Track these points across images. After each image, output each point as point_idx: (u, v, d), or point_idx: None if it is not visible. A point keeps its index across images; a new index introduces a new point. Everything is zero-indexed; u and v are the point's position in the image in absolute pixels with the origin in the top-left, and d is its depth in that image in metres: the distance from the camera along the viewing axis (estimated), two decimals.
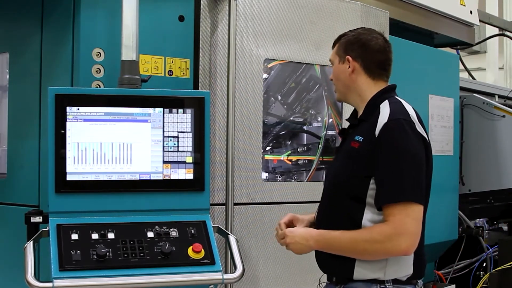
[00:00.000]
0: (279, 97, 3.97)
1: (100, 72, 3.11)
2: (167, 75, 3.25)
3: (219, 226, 2.92)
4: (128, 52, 2.95)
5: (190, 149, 2.84)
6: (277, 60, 3.67)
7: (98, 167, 2.75)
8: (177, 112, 2.83)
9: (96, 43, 3.10)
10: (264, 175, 3.71)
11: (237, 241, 2.82)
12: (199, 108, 2.85)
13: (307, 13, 3.65)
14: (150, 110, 2.80)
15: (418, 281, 2.41)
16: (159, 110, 2.81)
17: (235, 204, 3.30)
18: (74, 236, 2.61)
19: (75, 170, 2.72)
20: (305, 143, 4.00)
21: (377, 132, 2.31)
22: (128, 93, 2.85)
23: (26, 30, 3.42)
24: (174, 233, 2.71)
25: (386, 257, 2.31)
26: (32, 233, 2.71)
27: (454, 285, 4.93)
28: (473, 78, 7.04)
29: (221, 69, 3.35)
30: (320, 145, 3.86)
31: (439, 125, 4.69)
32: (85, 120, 2.74)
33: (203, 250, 2.67)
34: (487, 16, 7.36)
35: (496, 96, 6.12)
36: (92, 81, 3.09)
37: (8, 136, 3.50)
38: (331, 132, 3.92)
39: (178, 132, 2.83)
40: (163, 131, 2.81)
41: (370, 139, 2.33)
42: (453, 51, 5.80)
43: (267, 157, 3.78)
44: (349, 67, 2.48)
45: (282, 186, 3.70)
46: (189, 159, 2.84)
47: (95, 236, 2.63)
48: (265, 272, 3.46)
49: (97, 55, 3.10)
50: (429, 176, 2.41)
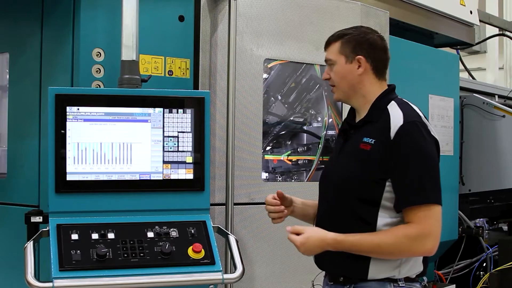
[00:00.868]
0: (279, 97, 3.97)
1: (100, 72, 3.11)
2: (167, 75, 3.25)
3: (219, 226, 2.92)
4: (128, 52, 2.95)
5: (190, 149, 2.84)
6: (277, 60, 3.67)
7: (98, 167, 2.75)
8: (177, 112, 2.83)
9: (96, 43, 3.10)
10: (264, 175, 3.71)
11: (237, 241, 2.82)
12: (199, 108, 2.85)
13: (307, 13, 3.65)
14: (150, 110, 2.80)
15: (424, 277, 2.43)
16: (159, 110, 2.81)
17: (235, 204, 3.30)
18: (74, 236, 2.61)
19: (75, 170, 2.72)
20: (305, 143, 4.00)
21: (392, 134, 2.31)
22: (128, 93, 2.85)
23: (26, 30, 3.42)
24: (174, 233, 2.71)
25: (409, 257, 2.34)
26: (32, 233, 2.71)
27: (454, 285, 4.93)
28: (473, 78, 7.03)
29: (221, 69, 3.35)
30: (320, 145, 3.86)
31: (439, 125, 4.69)
32: (85, 120, 2.74)
33: (203, 250, 2.67)
34: (487, 16, 7.36)
35: (496, 96, 6.12)
36: (92, 81, 3.09)
37: (8, 136, 3.50)
38: (331, 132, 3.92)
39: (178, 132, 2.83)
40: (163, 131, 2.81)
41: (383, 142, 2.32)
42: (453, 51, 5.80)
43: (267, 157, 3.78)
44: (359, 67, 2.43)
45: (282, 186, 3.70)
46: (189, 159, 2.84)
47: (95, 236, 2.63)
48: (265, 272, 3.46)
49: (97, 55, 3.10)
50: None
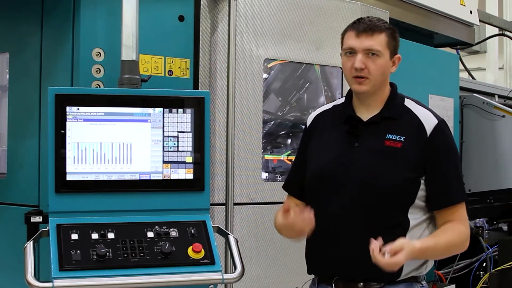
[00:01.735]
0: (279, 97, 3.97)
1: (100, 72, 3.11)
2: (167, 75, 3.25)
3: (219, 226, 2.92)
4: (128, 52, 2.95)
5: (190, 149, 2.84)
6: (277, 60, 3.67)
7: (98, 167, 2.75)
8: (177, 112, 2.83)
9: (96, 43, 3.10)
10: (264, 175, 3.71)
11: (237, 241, 2.82)
12: (199, 108, 2.84)
13: (307, 13, 3.65)
14: (150, 110, 2.80)
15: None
16: (159, 110, 2.80)
17: (235, 204, 3.30)
18: (74, 236, 2.61)
19: (75, 170, 2.72)
20: None
21: (428, 132, 2.32)
22: (128, 93, 2.85)
23: (26, 30, 3.42)
24: (174, 233, 2.71)
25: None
26: (32, 233, 2.70)
27: (454, 285, 4.93)
28: (473, 78, 7.03)
29: (221, 69, 3.35)
30: None
31: None
32: (85, 120, 2.73)
33: (203, 250, 2.67)
34: (487, 16, 7.36)
35: (496, 96, 6.12)
36: (92, 81, 3.09)
37: (8, 136, 3.50)
38: None
39: (178, 132, 2.83)
40: (163, 131, 2.81)
41: (418, 140, 2.31)
42: (453, 51, 5.80)
43: (267, 157, 3.77)
44: (394, 66, 2.40)
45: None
46: (189, 159, 2.84)
47: (95, 236, 2.62)
48: (265, 272, 3.46)
49: (97, 55, 3.10)
50: None
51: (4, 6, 3.51)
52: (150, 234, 2.69)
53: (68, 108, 2.71)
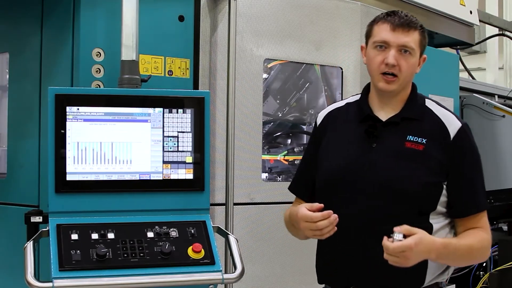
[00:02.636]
0: (279, 97, 3.97)
1: (100, 72, 3.11)
2: (167, 75, 3.25)
3: (219, 226, 2.92)
4: (128, 52, 2.95)
5: (190, 149, 2.84)
6: (277, 60, 3.67)
7: (98, 167, 2.75)
8: (177, 112, 2.83)
9: (96, 43, 3.10)
10: (264, 175, 3.71)
11: (237, 241, 2.82)
12: (199, 108, 2.84)
13: (307, 13, 3.65)
14: (150, 110, 2.80)
15: None
16: (159, 110, 2.80)
17: (235, 204, 3.30)
18: (74, 236, 2.61)
19: (75, 170, 2.72)
20: (304, 143, 4.00)
21: (452, 135, 2.21)
22: (128, 93, 2.85)
23: (26, 30, 3.41)
24: (174, 233, 2.71)
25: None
26: (32, 233, 2.70)
27: (454, 285, 4.93)
28: (473, 78, 7.03)
29: (221, 69, 3.35)
30: None
31: None
32: (85, 120, 2.73)
33: (203, 250, 2.67)
34: (487, 16, 7.36)
35: (496, 96, 6.12)
36: (92, 81, 3.09)
37: (8, 136, 3.50)
38: None
39: (178, 132, 2.83)
40: (163, 131, 2.81)
41: (441, 143, 2.20)
42: (453, 51, 5.80)
43: (263, 157, 3.77)
44: (419, 66, 2.30)
45: (282, 186, 3.69)
46: (189, 159, 2.84)
47: (95, 236, 2.62)
48: (265, 272, 3.46)
49: (97, 55, 3.10)
50: None
51: (4, 6, 3.51)
52: (150, 234, 2.69)
53: (68, 108, 2.71)
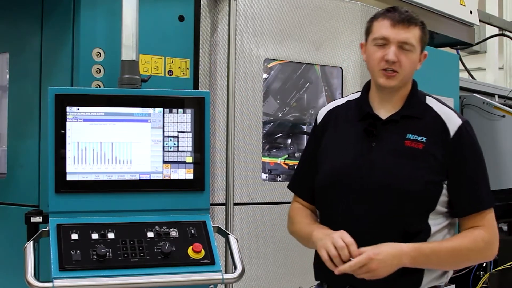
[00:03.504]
0: (279, 97, 3.97)
1: (100, 72, 3.11)
2: (167, 75, 3.25)
3: (219, 226, 2.92)
4: (128, 52, 2.95)
5: (190, 149, 2.84)
6: (277, 60, 3.67)
7: (98, 167, 2.75)
8: (177, 112, 2.83)
9: (96, 43, 3.10)
10: (264, 175, 3.71)
11: (237, 241, 2.82)
12: (199, 108, 2.84)
13: (307, 13, 3.65)
14: (150, 110, 2.80)
15: None
16: (159, 110, 2.80)
17: (235, 204, 3.30)
18: (74, 236, 2.61)
19: (75, 170, 2.72)
20: (304, 143, 4.00)
21: (452, 133, 2.19)
22: (128, 93, 2.85)
23: (26, 30, 3.42)
24: (174, 233, 2.71)
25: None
26: (32, 233, 2.70)
27: (454, 285, 4.93)
28: (473, 78, 7.03)
29: (221, 69, 3.35)
30: None
31: None
32: (85, 120, 2.73)
33: (203, 250, 2.67)
34: (487, 16, 7.36)
35: (496, 96, 6.12)
36: (92, 81, 3.09)
37: (8, 136, 3.50)
38: None
39: (178, 132, 2.83)
40: (163, 131, 2.81)
41: (441, 141, 2.18)
42: (453, 51, 5.80)
43: (264, 159, 3.76)
44: (419, 62, 2.27)
45: (282, 186, 3.68)
46: (189, 159, 2.84)
47: (95, 236, 2.62)
48: (265, 272, 3.46)
49: (97, 55, 3.10)
50: None
51: (4, 6, 3.51)
52: (150, 234, 2.69)
53: (68, 108, 2.71)
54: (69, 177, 2.71)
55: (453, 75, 4.93)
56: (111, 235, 2.64)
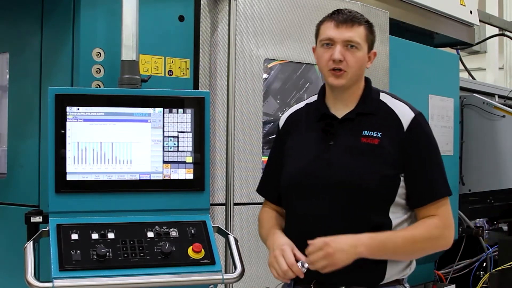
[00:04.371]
0: (279, 97, 3.97)
1: (100, 72, 3.11)
2: (167, 75, 3.25)
3: (219, 226, 2.92)
4: (128, 52, 2.95)
5: (190, 149, 2.84)
6: (277, 60, 3.67)
7: (98, 167, 2.75)
8: (177, 112, 2.83)
9: (96, 43, 3.10)
10: None
11: (237, 241, 2.82)
12: (199, 108, 2.85)
13: (307, 13, 3.65)
14: (150, 110, 2.80)
15: None
16: (159, 110, 2.80)
17: (235, 204, 3.30)
18: (74, 236, 2.61)
19: (75, 170, 2.72)
20: None
21: (405, 127, 2.23)
22: (128, 93, 2.85)
23: (26, 30, 3.42)
24: (174, 233, 2.71)
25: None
26: (32, 233, 2.70)
27: (454, 285, 4.94)
28: (473, 78, 7.04)
29: (221, 69, 3.35)
30: None
31: (439, 125, 4.69)
32: (85, 120, 2.74)
33: (203, 250, 2.67)
34: (487, 16, 7.37)
35: (496, 96, 6.12)
36: (92, 81, 3.09)
37: (8, 136, 3.50)
38: None
39: (178, 132, 2.83)
40: (163, 131, 2.81)
41: (396, 135, 2.23)
42: (453, 51, 5.81)
43: (264, 159, 3.76)
44: (369, 61, 2.33)
45: None
46: (189, 159, 2.84)
47: (95, 236, 2.62)
48: (265, 272, 3.45)
49: (97, 55, 3.10)
50: None
51: (4, 6, 3.51)
52: (150, 234, 2.69)
53: (68, 108, 2.71)
54: (69, 177, 2.71)
55: (453, 75, 4.93)
56: (111, 235, 2.64)
